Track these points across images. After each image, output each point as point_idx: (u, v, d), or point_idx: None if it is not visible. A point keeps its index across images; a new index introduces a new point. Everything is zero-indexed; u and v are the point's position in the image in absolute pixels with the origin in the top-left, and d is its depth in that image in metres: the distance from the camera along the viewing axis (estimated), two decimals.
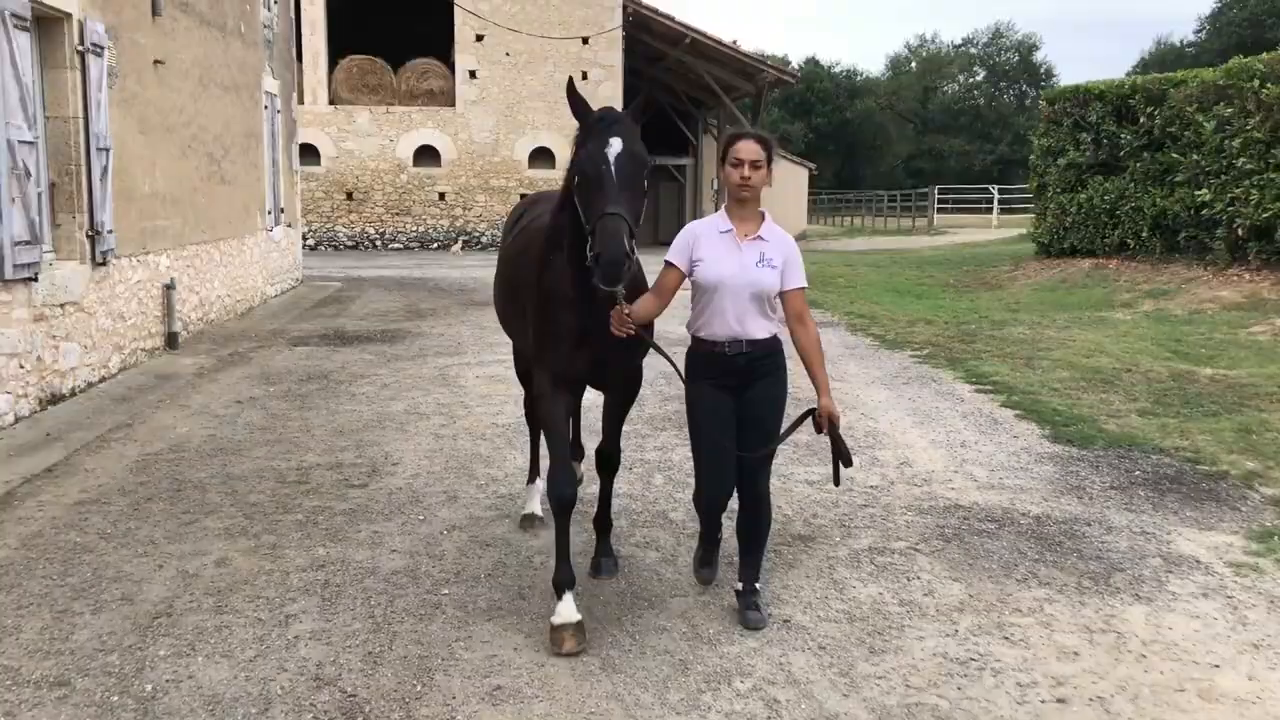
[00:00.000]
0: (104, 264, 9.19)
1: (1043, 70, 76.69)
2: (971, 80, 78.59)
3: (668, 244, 4.28)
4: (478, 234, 28.91)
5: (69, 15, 8.49)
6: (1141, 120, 16.42)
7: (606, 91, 28.30)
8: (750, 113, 32.30)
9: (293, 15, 18.74)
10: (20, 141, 7.56)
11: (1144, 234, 16.32)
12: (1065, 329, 12.26)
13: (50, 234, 8.49)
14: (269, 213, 15.83)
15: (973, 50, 79.51)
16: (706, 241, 4.19)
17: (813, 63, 77.14)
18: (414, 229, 28.71)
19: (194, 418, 7.93)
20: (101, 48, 9.04)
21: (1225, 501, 5.91)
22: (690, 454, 4.55)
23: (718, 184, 33.18)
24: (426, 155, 28.52)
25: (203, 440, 7.24)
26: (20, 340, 7.66)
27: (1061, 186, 18.58)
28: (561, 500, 4.26)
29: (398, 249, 28.40)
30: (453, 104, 28.35)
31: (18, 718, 3.48)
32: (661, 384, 8.51)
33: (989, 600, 4.55)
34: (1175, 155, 15.48)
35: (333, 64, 27.94)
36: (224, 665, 3.87)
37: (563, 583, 4.15)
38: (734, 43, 29.56)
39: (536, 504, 5.49)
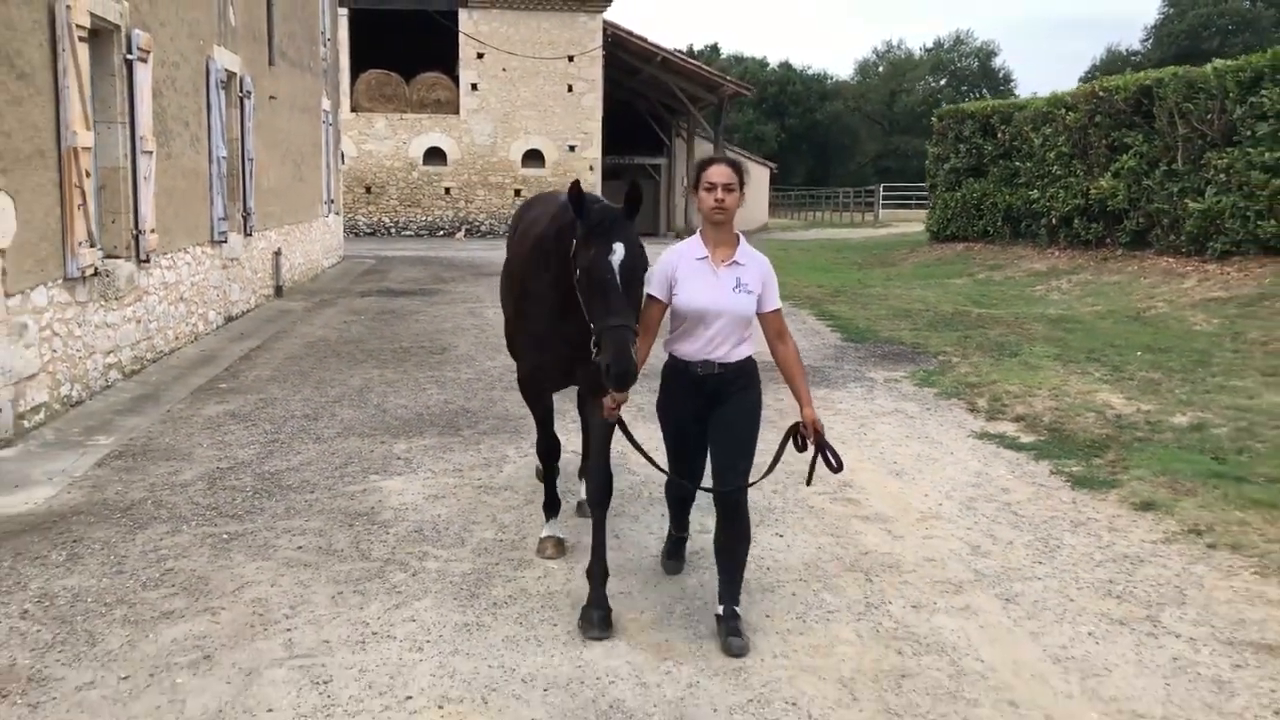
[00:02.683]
0: (250, 235, 13.99)
1: (1001, 75, 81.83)
2: (934, 84, 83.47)
3: (648, 234, 6.23)
4: (478, 223, 33.67)
5: (235, 74, 13.28)
6: (998, 135, 21.30)
7: (589, 102, 33.19)
8: (714, 119, 37.08)
9: (338, 48, 23.50)
10: (220, 157, 12.36)
11: (999, 223, 21.21)
12: (909, 289, 17.16)
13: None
14: (325, 203, 20.64)
15: (941, 54, 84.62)
16: (684, 269, 4.16)
17: (786, 66, 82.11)
18: (423, 218, 33.48)
19: (321, 329, 12.75)
20: (249, 92, 13.84)
21: (914, 361, 10.79)
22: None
23: (687, 180, 38.08)
24: (434, 155, 33.28)
25: (335, 337, 12.06)
26: (219, 278, 12.47)
27: (946, 186, 23.47)
28: (547, 456, 5.19)
29: (409, 235, 33.14)
30: (457, 112, 33.10)
31: (334, 412, 8.31)
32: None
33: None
34: (1018, 163, 20.38)
35: (354, 77, 32.63)
36: (405, 398, 8.69)
37: (550, 510, 5.23)
38: (715, 45, 34.39)
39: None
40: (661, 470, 4.48)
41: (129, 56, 9.16)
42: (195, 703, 3.62)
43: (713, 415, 4.26)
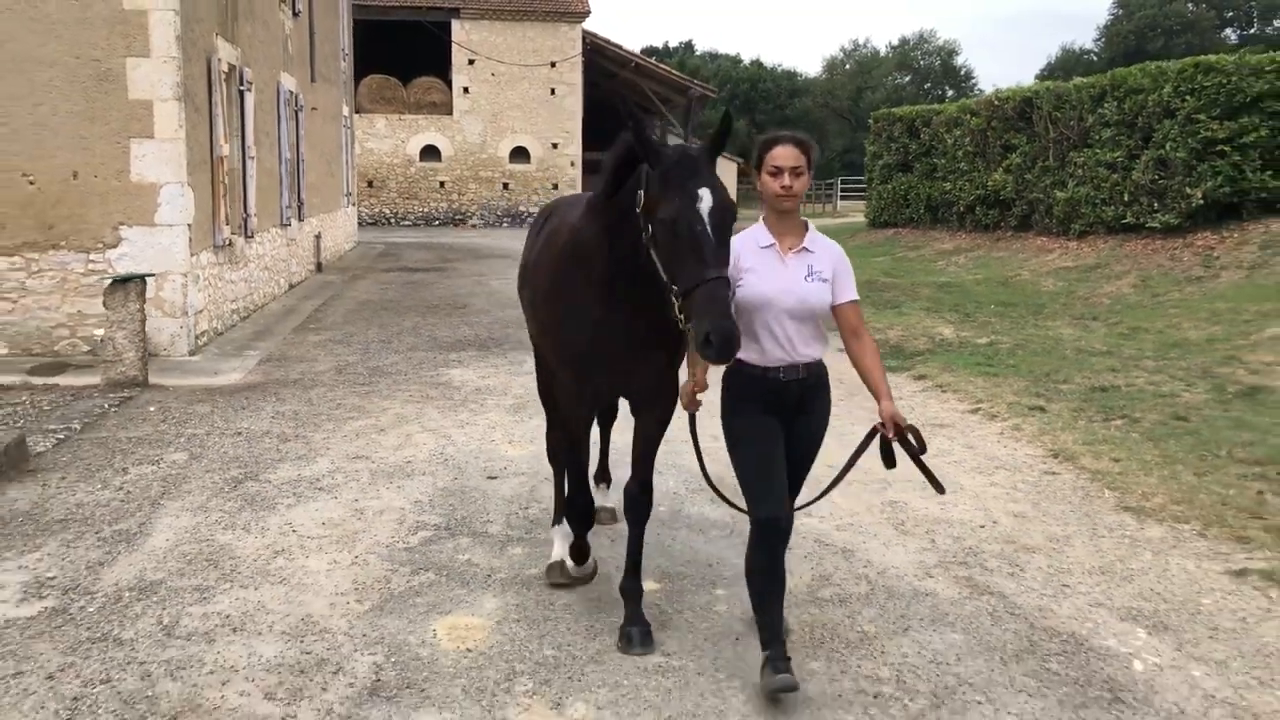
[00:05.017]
0: (301, 221, 17.49)
1: (962, 73, 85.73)
2: (900, 81, 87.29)
3: None
4: (469, 214, 37.13)
5: (294, 93, 16.76)
6: (921, 136, 24.97)
7: (570, 103, 36.69)
8: (684, 119, 40.63)
9: (351, 60, 26.98)
10: (285, 159, 15.85)
11: (921, 211, 24.88)
12: None
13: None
14: (345, 195, 24.13)
15: (906, 53, 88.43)
16: (747, 258, 3.67)
17: (757, 64, 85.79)
18: (420, 210, 36.90)
19: (364, 294, 16.26)
20: (301, 106, 17.33)
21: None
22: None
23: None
24: (430, 153, 36.70)
25: (378, 298, 15.59)
26: (285, 254, 15.98)
27: (880, 180, 27.14)
28: (580, 503, 4.44)
29: (408, 225, 36.57)
30: (450, 113, 36.53)
31: (400, 339, 11.87)
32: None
33: None
34: (935, 160, 24.05)
35: (357, 82, 35.98)
36: (446, 332, 12.25)
37: (580, 550, 4.63)
38: (689, 42, 37.92)
39: (565, 549, 4.75)
40: (738, 508, 3.98)
41: (241, 88, 12.66)
42: (380, 446, 7.18)
43: (793, 428, 3.79)
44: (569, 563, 4.64)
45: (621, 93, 39.73)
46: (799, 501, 4.00)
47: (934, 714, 3.57)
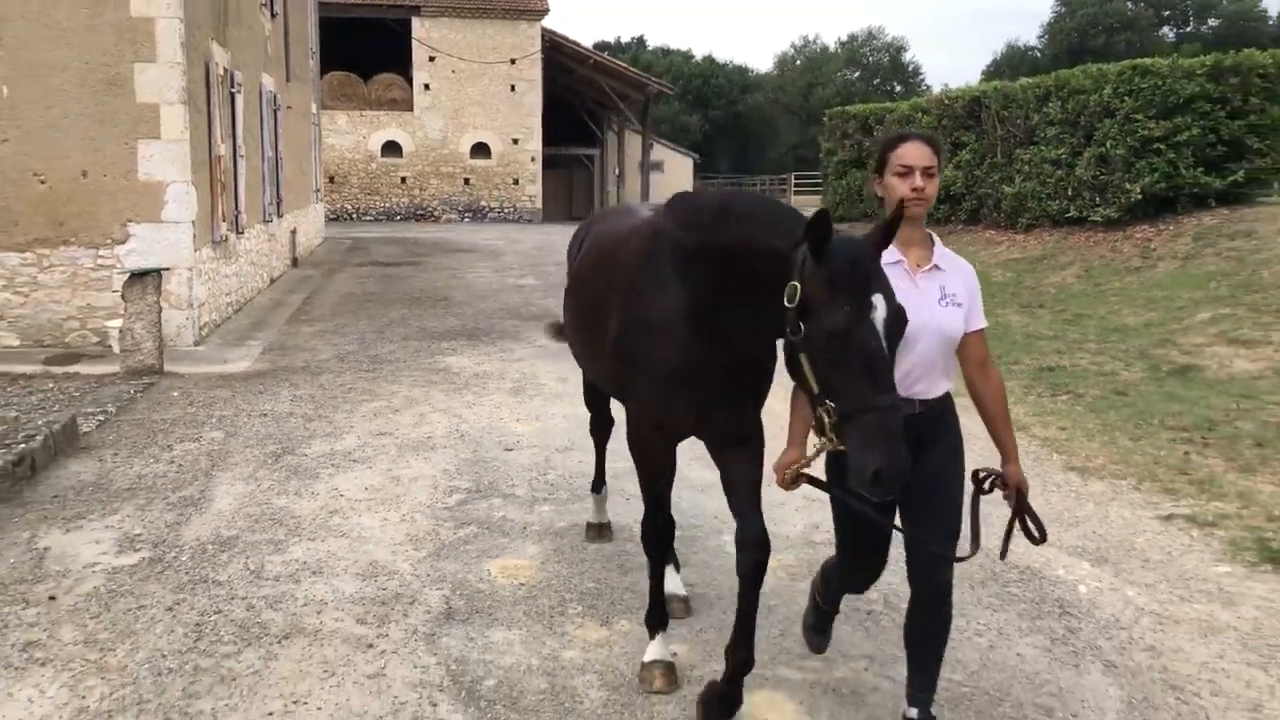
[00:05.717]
0: (281, 216, 17.98)
1: (910, 69, 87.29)
2: (849, 78, 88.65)
3: (583, 219, 4.59)
4: (430, 209, 37.56)
5: (273, 93, 17.24)
6: (875, 133, 25.88)
7: (530, 99, 37.28)
8: (640, 115, 41.32)
9: (317, 58, 27.38)
10: (268, 157, 16.35)
11: (876, 207, 25.79)
12: None
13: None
14: (314, 191, 24.56)
15: (855, 49, 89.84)
16: None
17: (710, 60, 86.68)
18: (381, 205, 37.30)
19: (345, 287, 16.81)
20: (279, 106, 17.81)
21: None
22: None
23: (618, 170, 42.36)
24: (391, 149, 37.10)
25: (359, 291, 16.15)
26: (267, 249, 16.48)
27: (837, 175, 28.04)
28: (658, 544, 3.84)
29: (369, 220, 36.95)
30: (411, 109, 36.96)
31: (392, 329, 12.49)
32: None
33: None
34: None
35: (319, 78, 36.29)
36: (434, 323, 12.88)
37: (656, 625, 3.89)
38: (641, 37, 38.56)
39: (605, 513, 5.27)
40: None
41: (233, 91, 13.18)
42: (399, 424, 7.83)
43: (914, 465, 3.08)
44: (652, 653, 3.89)
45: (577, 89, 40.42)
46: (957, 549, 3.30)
47: None
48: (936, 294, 3.23)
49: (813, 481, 3.23)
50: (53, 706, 3.61)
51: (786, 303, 2.87)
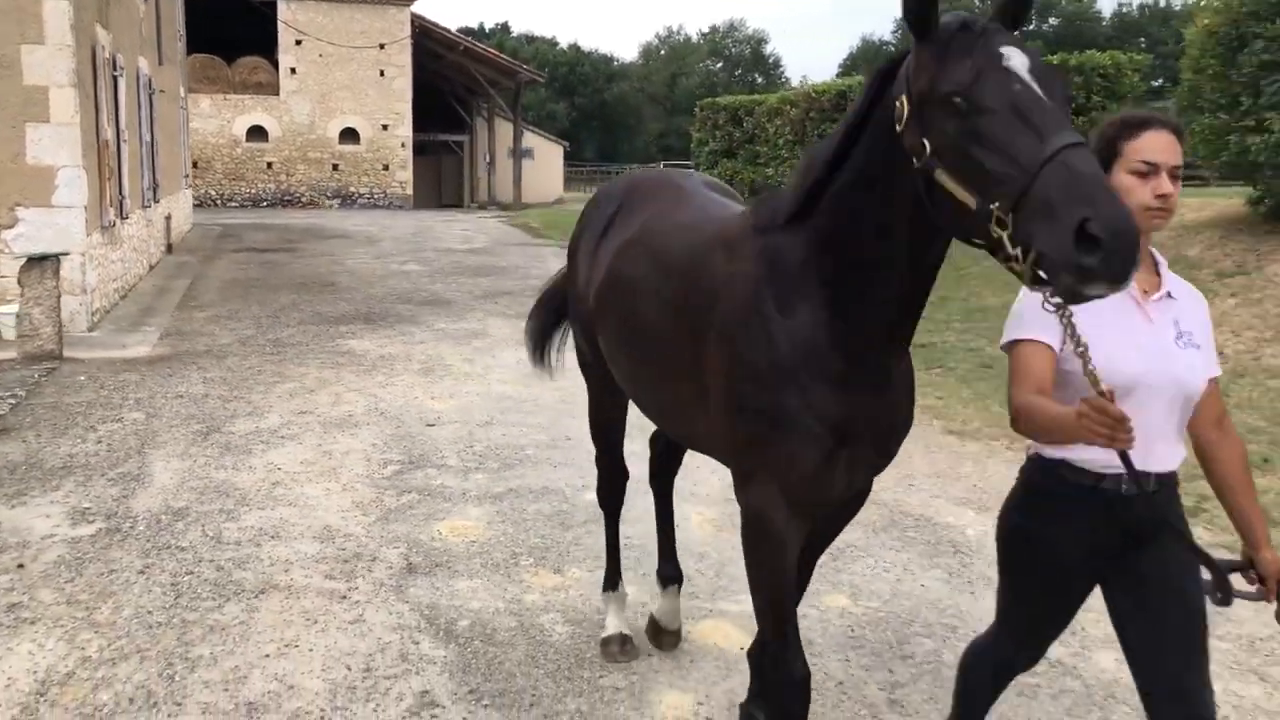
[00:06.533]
0: (158, 202, 17.67)
1: (771, 61, 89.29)
2: (712, 69, 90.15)
3: (453, 205, 6.97)
4: (298, 195, 36.95)
5: (149, 76, 16.93)
6: (744, 124, 26.72)
7: (399, 85, 37.03)
8: (512, 101, 41.42)
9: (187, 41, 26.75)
10: (146, 141, 16.08)
11: (746, 195, 26.66)
12: None
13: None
14: (185, 177, 24.05)
15: (717, 40, 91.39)
16: (1091, 305, 1.93)
17: (575, 48, 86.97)
18: (247, 191, 36.52)
19: (226, 273, 16.67)
20: (154, 89, 17.50)
21: None
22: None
23: (489, 156, 42.40)
24: (257, 133, 36.35)
25: (243, 277, 16.05)
26: (145, 235, 16.23)
27: (707, 165, 28.78)
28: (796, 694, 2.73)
29: (235, 207, 36.14)
30: (278, 93, 36.27)
31: (287, 314, 12.55)
32: None
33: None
34: (758, 147, 25.85)
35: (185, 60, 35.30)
36: (327, 308, 12.99)
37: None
38: (505, 24, 38.60)
39: (624, 619, 4.06)
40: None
41: (115, 74, 13.00)
42: (317, 403, 8.06)
43: (1130, 569, 2.49)
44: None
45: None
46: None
47: (833, 564, 4.88)
48: (1172, 332, 2.46)
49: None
50: (55, 657, 3.86)
51: (897, 126, 2.15)
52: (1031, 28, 79.69)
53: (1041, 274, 1.85)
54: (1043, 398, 2.31)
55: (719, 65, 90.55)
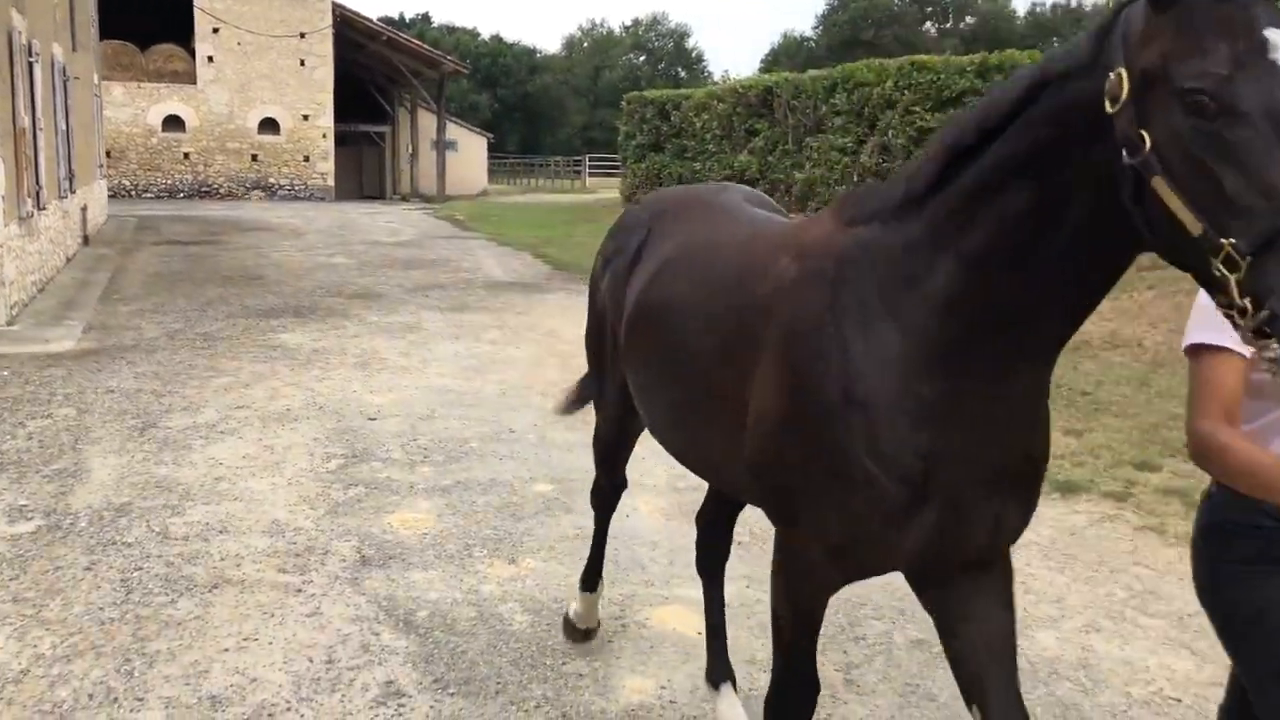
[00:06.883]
0: (74, 192, 17.20)
1: (694, 54, 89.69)
2: (635, 62, 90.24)
3: (375, 197, 7.23)
4: (216, 186, 36.18)
5: (64, 64, 16.47)
6: (671, 118, 26.85)
7: (320, 75, 36.47)
8: (435, 92, 41.02)
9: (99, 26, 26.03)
10: (62, 130, 15.64)
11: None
12: (574, 229, 22.27)
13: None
14: (100, 167, 23.43)
15: (640, 34, 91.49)
16: None
17: (497, 39, 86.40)
18: (164, 182, 35.67)
19: (149, 265, 16.30)
20: (68, 76, 17.02)
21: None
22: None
23: (412, 148, 41.95)
24: (173, 123, 35.52)
25: (166, 270, 15.72)
26: (62, 226, 15.79)
27: (634, 159, 28.88)
28: None
29: (150, 198, 35.27)
30: (194, 82, 35.48)
31: (214, 308, 12.32)
32: None
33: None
34: (685, 141, 25.99)
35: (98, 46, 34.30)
36: (255, 301, 12.78)
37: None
38: (426, 14, 38.19)
39: (595, 614, 3.98)
40: None
41: (30, 60, 12.63)
42: (253, 397, 7.96)
43: None
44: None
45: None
46: None
47: None
48: None
49: None
50: (8, 655, 3.79)
51: (1108, 106, 1.67)
52: (949, 25, 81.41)
53: (1269, 332, 1.49)
54: (1246, 441, 2.04)
55: (642, 59, 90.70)
